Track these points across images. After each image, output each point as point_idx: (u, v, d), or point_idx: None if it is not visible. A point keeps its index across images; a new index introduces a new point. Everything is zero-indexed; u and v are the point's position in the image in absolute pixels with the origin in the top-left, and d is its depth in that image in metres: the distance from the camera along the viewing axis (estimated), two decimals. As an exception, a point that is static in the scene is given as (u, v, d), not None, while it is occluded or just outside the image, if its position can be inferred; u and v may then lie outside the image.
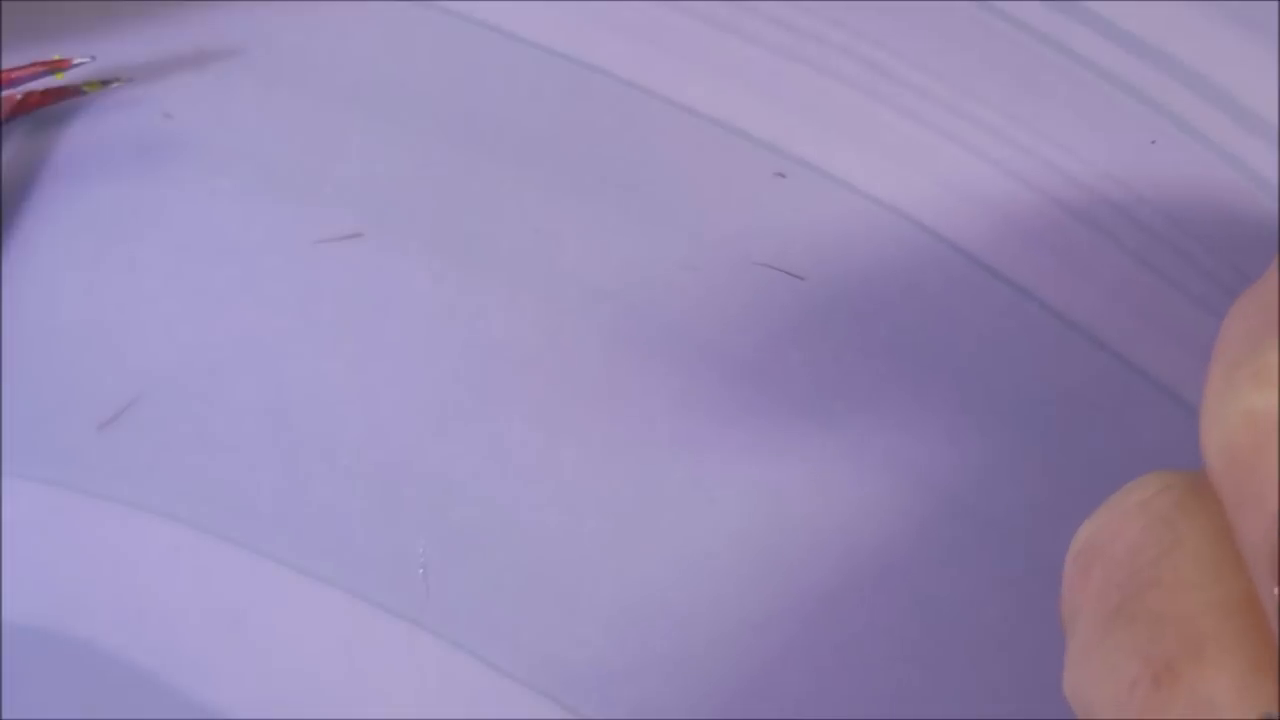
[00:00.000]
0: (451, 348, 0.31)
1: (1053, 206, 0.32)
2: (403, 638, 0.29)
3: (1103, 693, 0.18)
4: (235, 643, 0.29)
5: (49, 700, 0.29)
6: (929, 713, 0.28)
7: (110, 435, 0.31)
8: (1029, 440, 0.30)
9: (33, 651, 0.29)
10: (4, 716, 0.28)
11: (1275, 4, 0.25)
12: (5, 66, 0.33)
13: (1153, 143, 0.32)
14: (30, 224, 0.32)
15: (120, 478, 0.30)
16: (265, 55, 0.34)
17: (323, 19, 0.34)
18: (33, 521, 0.30)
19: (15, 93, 0.33)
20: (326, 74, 0.34)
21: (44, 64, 0.33)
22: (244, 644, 0.29)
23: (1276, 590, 0.16)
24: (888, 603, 0.29)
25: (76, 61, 0.33)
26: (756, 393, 0.31)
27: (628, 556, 0.29)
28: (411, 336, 0.31)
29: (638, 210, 0.32)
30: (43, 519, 0.30)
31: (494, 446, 0.30)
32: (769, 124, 0.33)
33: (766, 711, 0.28)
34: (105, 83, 0.33)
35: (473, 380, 0.31)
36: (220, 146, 0.33)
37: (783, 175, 0.32)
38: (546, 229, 0.32)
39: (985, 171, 0.32)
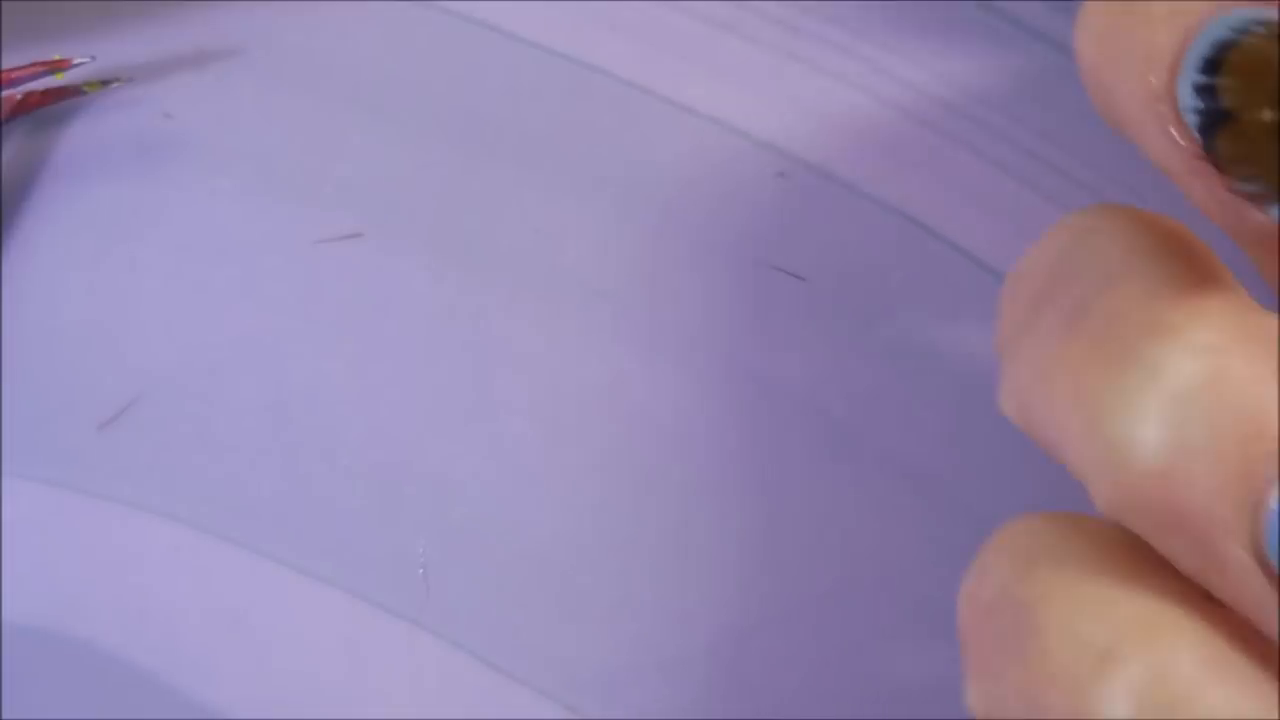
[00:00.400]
0: (451, 348, 0.31)
1: (1043, 199, 0.32)
2: (403, 638, 0.29)
3: (1025, 370, 0.19)
4: (235, 643, 0.29)
5: (49, 700, 0.29)
6: (929, 712, 0.28)
7: (110, 435, 0.31)
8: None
9: (33, 651, 0.29)
10: (4, 716, 0.28)
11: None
12: (5, 66, 0.33)
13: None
14: (30, 224, 0.32)
15: (120, 478, 0.30)
16: (265, 55, 0.34)
17: (323, 19, 0.34)
18: (33, 521, 0.30)
19: (15, 93, 0.33)
20: (326, 74, 0.34)
21: (44, 64, 0.33)
22: (244, 644, 0.29)
23: (1167, 109, 0.17)
24: (888, 603, 0.29)
25: (76, 61, 0.33)
26: (757, 393, 0.31)
27: (628, 556, 0.29)
28: (411, 336, 0.31)
29: (637, 210, 0.32)
30: (43, 519, 0.30)
31: (494, 446, 0.30)
32: (768, 123, 0.33)
33: (767, 711, 0.28)
34: (105, 83, 0.33)
35: (473, 380, 0.31)
36: (220, 146, 0.33)
37: (783, 175, 0.32)
38: (546, 229, 0.32)
39: (989, 174, 0.32)
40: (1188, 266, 0.18)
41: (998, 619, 0.18)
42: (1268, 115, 0.16)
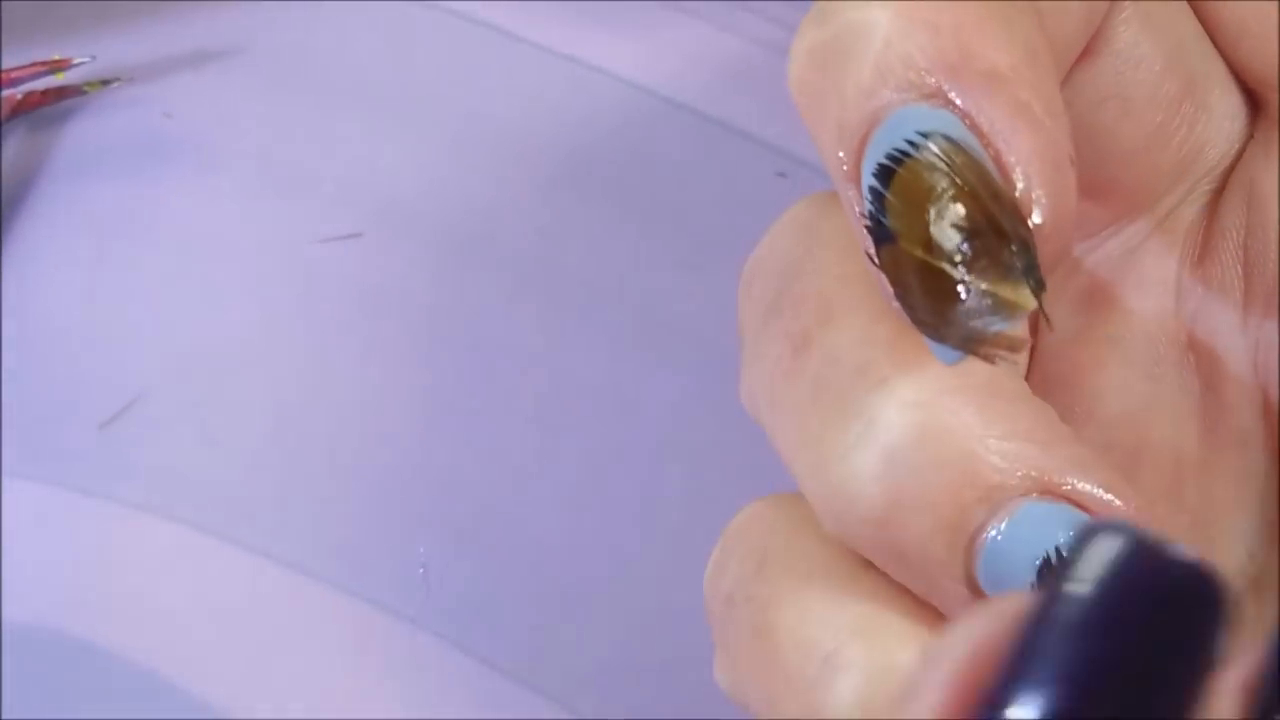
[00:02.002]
0: (451, 348, 0.31)
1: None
2: (403, 638, 0.29)
3: (759, 383, 0.20)
4: (235, 643, 0.29)
5: (49, 700, 0.29)
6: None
7: (110, 435, 0.31)
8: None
9: (33, 651, 0.29)
10: (4, 716, 0.29)
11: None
12: (5, 66, 0.33)
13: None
14: (30, 224, 0.32)
15: (120, 478, 0.30)
16: (265, 55, 0.34)
17: (323, 19, 0.34)
18: (33, 521, 0.30)
19: (15, 93, 0.33)
20: (326, 74, 0.34)
21: (44, 64, 0.33)
22: (244, 644, 0.29)
23: (852, 193, 0.17)
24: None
25: (76, 61, 0.33)
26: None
27: (628, 556, 0.29)
28: (411, 336, 0.31)
29: (638, 210, 0.32)
30: (43, 519, 0.30)
31: (494, 446, 0.30)
32: (769, 124, 0.33)
33: (766, 711, 0.28)
34: (105, 82, 0.33)
35: (473, 380, 0.31)
36: (220, 146, 0.33)
37: (783, 175, 0.32)
38: (547, 228, 0.32)
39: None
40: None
41: (736, 612, 0.20)
42: (918, 253, 0.16)
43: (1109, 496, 0.17)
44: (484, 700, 0.29)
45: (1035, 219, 0.16)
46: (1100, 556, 0.12)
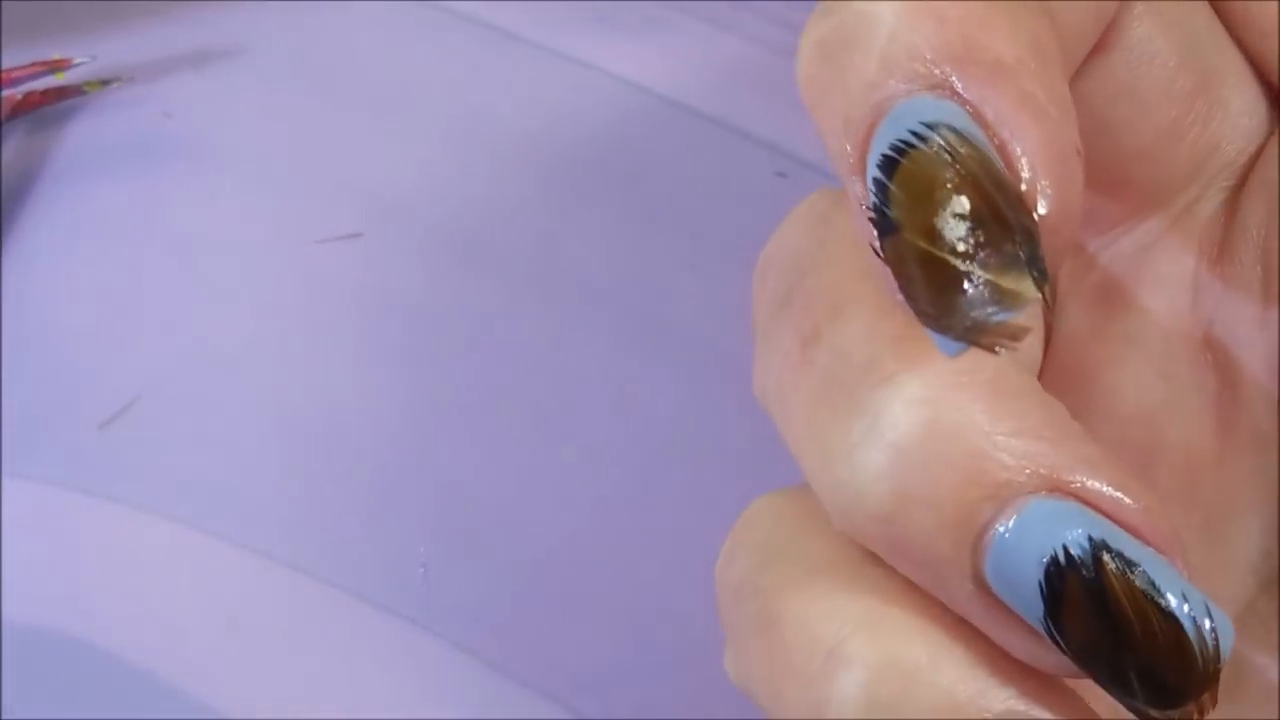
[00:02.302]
0: (451, 348, 0.31)
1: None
2: (403, 638, 0.29)
3: (769, 377, 0.20)
4: (235, 643, 0.29)
5: (49, 700, 0.29)
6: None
7: (110, 435, 0.31)
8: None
9: (33, 651, 0.29)
10: (4, 717, 0.29)
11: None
12: (5, 66, 0.33)
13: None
14: (30, 224, 0.32)
15: (120, 478, 0.30)
16: (265, 55, 0.34)
17: (323, 19, 0.34)
18: (33, 521, 0.30)
19: (15, 93, 0.33)
20: (327, 74, 0.34)
21: (44, 64, 0.33)
22: (244, 644, 0.29)
23: (857, 186, 0.17)
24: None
25: (76, 61, 0.33)
26: (756, 393, 0.31)
27: (628, 556, 0.29)
28: (411, 336, 0.31)
29: (638, 210, 0.32)
30: (43, 519, 0.30)
31: (494, 446, 0.30)
32: (769, 124, 0.33)
33: (767, 711, 0.28)
34: (105, 82, 0.33)
35: (473, 380, 0.31)
36: (220, 146, 0.33)
37: (783, 175, 0.32)
38: (547, 229, 0.32)
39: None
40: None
41: (743, 604, 0.20)
42: (922, 244, 0.16)
43: (1118, 494, 0.17)
44: (484, 700, 0.29)
45: (1041, 210, 0.16)
46: None
